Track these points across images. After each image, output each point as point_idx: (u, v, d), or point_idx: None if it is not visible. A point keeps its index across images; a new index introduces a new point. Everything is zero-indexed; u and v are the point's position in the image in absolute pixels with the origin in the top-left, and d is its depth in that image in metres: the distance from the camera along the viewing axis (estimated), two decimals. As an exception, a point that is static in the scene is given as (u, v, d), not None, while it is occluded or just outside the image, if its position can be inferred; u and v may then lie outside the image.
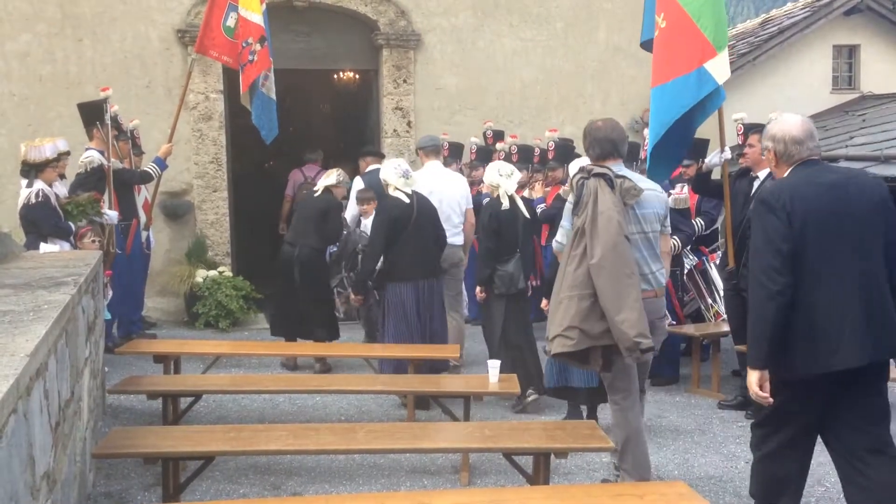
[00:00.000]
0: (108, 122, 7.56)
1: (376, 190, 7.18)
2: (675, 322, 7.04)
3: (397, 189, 6.39)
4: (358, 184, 8.03)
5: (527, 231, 6.47)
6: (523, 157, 8.82)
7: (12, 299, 3.44)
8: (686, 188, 7.05)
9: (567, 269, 4.33)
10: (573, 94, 10.76)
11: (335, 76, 12.62)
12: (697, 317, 7.47)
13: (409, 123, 10.30)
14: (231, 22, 8.18)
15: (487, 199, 7.93)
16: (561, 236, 4.65)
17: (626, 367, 4.39)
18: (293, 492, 4.82)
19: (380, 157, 8.34)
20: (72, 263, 4.80)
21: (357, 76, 12.11)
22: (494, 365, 5.36)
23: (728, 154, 6.88)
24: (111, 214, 7.29)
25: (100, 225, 7.02)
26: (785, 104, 12.40)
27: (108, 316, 6.78)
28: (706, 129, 7.95)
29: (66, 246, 6.58)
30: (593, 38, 10.77)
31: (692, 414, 6.37)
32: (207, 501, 4.50)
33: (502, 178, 6.31)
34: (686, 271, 7.18)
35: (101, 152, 7.62)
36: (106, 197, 7.49)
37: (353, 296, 7.00)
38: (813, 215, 3.58)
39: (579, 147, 9.11)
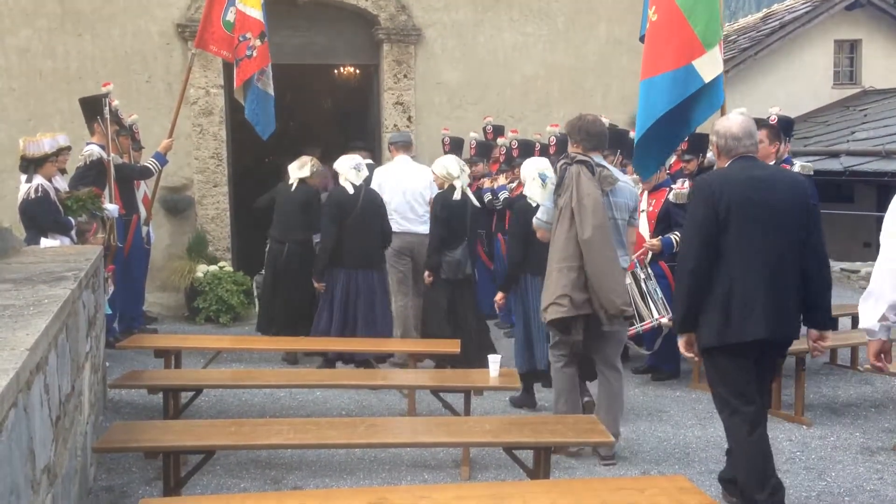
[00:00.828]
0: (108, 116, 7.55)
1: None
2: (676, 317, 7.03)
3: (346, 179, 6.86)
4: None
5: (475, 222, 6.91)
6: (524, 151, 8.79)
7: (13, 294, 3.45)
8: (687, 183, 7.04)
9: (557, 245, 4.88)
10: (574, 88, 10.74)
11: (336, 71, 12.61)
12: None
13: (409, 118, 10.29)
14: (230, 16, 8.17)
15: (504, 193, 8.09)
16: (542, 213, 5.18)
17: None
18: (294, 486, 4.82)
19: (368, 150, 8.54)
20: (72, 258, 4.80)
21: (357, 71, 12.10)
22: (495, 360, 5.37)
23: (729, 149, 6.84)
24: (112, 208, 7.28)
25: (101, 219, 7.02)
26: (786, 99, 12.43)
27: (109, 311, 6.78)
28: (707, 124, 7.93)
29: (67, 241, 6.57)
30: (594, 32, 10.75)
31: (693, 409, 6.38)
32: (208, 496, 4.50)
33: (462, 172, 6.75)
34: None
35: (102, 147, 7.61)
36: (106, 191, 7.49)
37: (315, 283, 7.16)
38: (738, 203, 4.03)
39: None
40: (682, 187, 6.92)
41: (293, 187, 7.68)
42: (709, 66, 6.03)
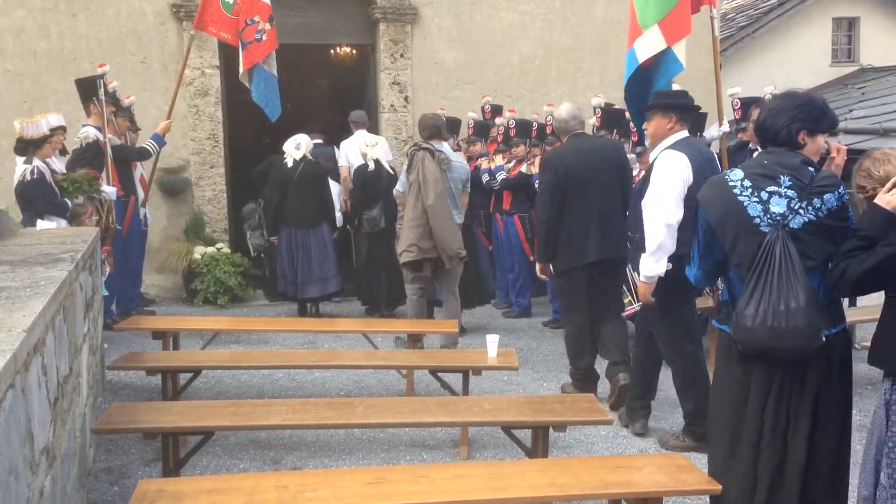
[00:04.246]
0: (103, 97, 7.51)
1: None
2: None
3: (288, 155, 8.37)
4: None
5: (389, 187, 7.98)
6: (521, 131, 8.77)
7: (9, 276, 3.44)
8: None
9: (408, 208, 6.77)
10: (572, 68, 10.70)
11: (332, 51, 12.54)
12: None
13: (406, 98, 10.24)
14: None
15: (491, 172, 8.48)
16: (399, 186, 7.07)
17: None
18: (293, 466, 4.85)
19: (321, 133, 9.80)
20: (69, 240, 4.79)
21: (354, 51, 12.02)
22: (493, 339, 5.37)
23: (726, 128, 6.86)
24: (110, 190, 7.25)
25: (98, 201, 6.99)
26: (784, 77, 12.36)
27: (107, 292, 6.77)
28: (704, 104, 7.87)
29: (63, 223, 6.55)
30: (591, 11, 10.69)
31: (690, 387, 6.38)
32: (207, 476, 4.52)
33: (368, 148, 8.31)
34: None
35: (98, 128, 7.58)
36: (104, 173, 7.46)
37: (272, 239, 8.73)
38: (573, 170, 5.72)
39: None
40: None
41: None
42: (645, 47, 6.04)
